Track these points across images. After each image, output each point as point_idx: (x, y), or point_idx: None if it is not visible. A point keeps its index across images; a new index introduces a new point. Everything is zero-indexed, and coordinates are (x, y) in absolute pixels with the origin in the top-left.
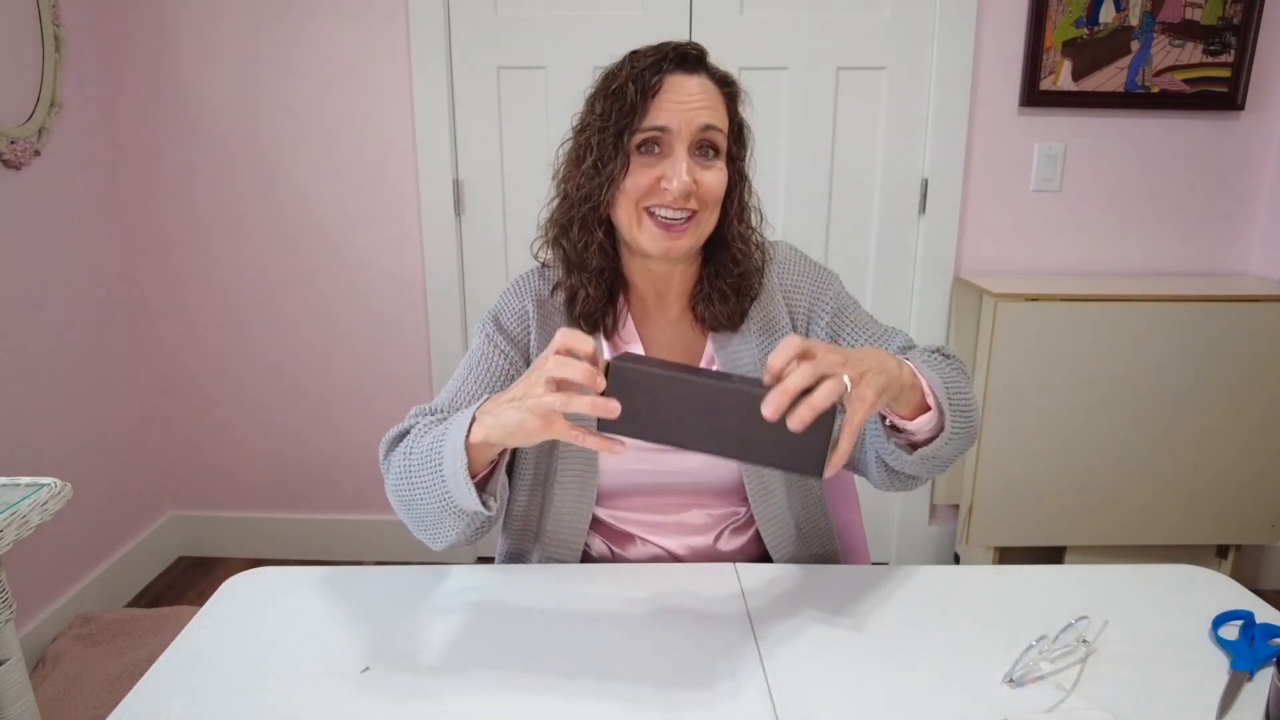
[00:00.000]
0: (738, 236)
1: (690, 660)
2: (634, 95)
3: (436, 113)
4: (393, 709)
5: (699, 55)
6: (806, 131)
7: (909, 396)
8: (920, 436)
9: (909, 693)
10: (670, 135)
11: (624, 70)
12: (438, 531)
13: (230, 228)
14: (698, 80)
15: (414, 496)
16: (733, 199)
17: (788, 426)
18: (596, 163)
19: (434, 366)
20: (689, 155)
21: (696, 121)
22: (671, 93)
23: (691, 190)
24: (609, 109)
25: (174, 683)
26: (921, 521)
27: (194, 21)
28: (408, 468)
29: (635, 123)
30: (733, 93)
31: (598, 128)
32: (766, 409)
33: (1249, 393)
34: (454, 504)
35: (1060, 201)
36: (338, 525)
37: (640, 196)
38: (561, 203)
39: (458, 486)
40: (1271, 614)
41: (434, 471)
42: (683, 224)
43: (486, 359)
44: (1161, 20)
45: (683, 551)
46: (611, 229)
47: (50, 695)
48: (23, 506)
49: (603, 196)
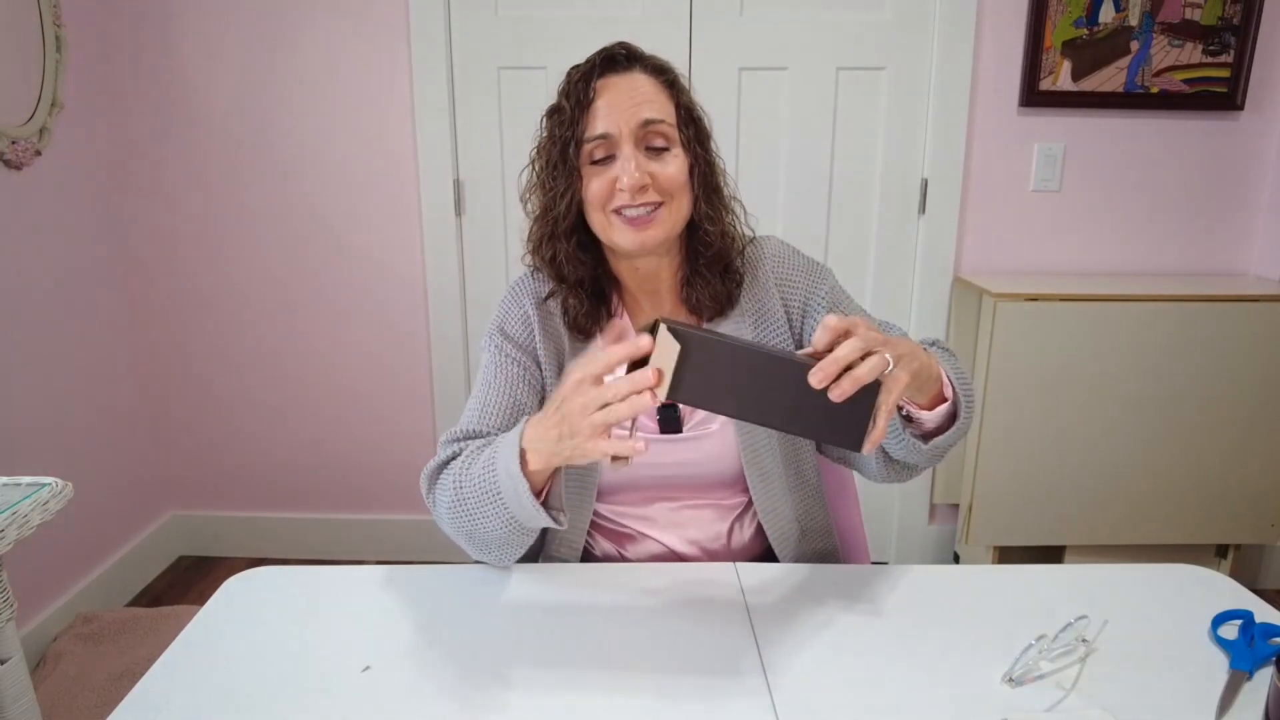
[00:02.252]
0: (705, 218)
1: (690, 659)
2: (571, 109)
3: (436, 113)
4: (393, 709)
5: (628, 53)
6: (806, 131)
7: (930, 387)
8: (930, 426)
9: (909, 692)
10: (613, 140)
11: (562, 87)
12: (505, 551)
13: (231, 228)
14: (631, 77)
15: (475, 526)
16: (696, 181)
17: (830, 397)
18: (549, 180)
19: (434, 366)
20: (639, 152)
21: (635, 119)
22: (606, 97)
23: (647, 184)
24: (553, 128)
25: (174, 683)
26: (921, 521)
27: (195, 21)
28: (460, 500)
29: (577, 134)
30: (671, 79)
31: (546, 147)
32: (814, 378)
33: (1249, 393)
34: (523, 526)
35: (1060, 201)
36: (338, 525)
37: (604, 202)
38: (531, 221)
39: (523, 510)
40: (1271, 614)
41: (493, 501)
42: (648, 216)
43: (503, 370)
44: (1161, 20)
45: (685, 549)
46: (585, 239)
47: (51, 694)
48: (24, 506)
49: (559, 209)
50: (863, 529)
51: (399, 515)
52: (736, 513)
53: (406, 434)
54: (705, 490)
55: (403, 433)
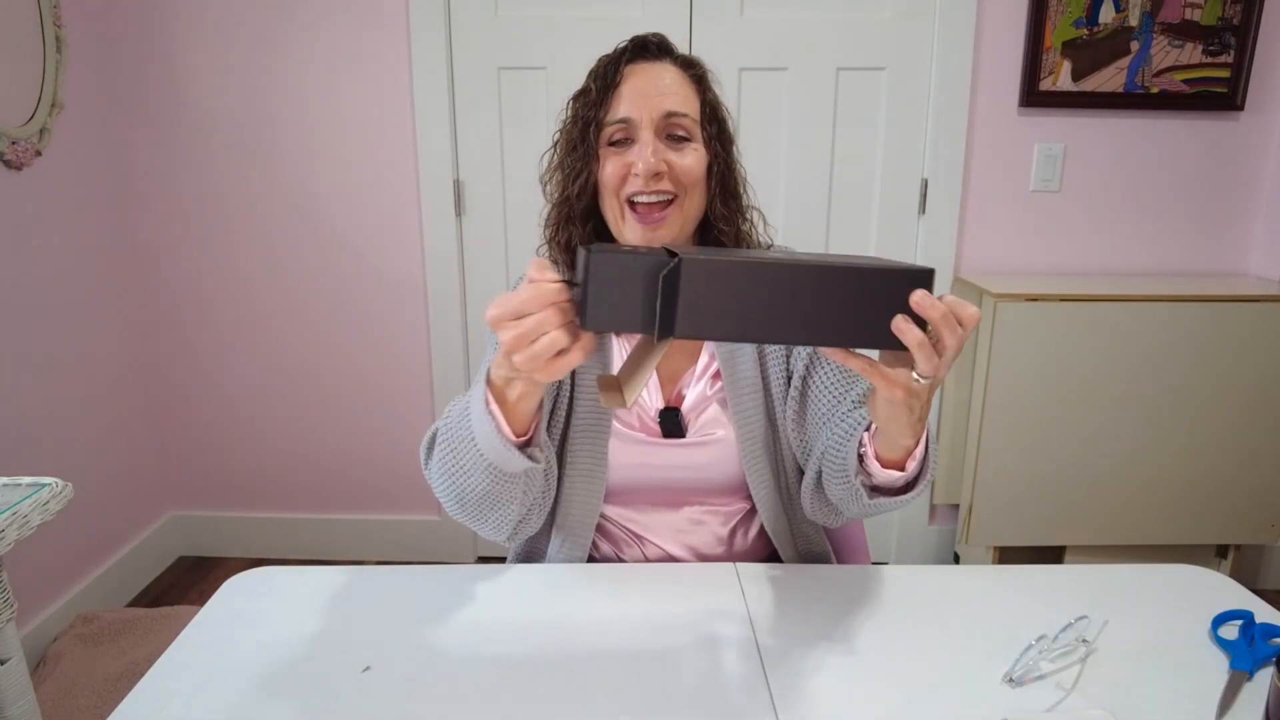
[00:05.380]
0: (720, 218)
1: (690, 659)
2: (596, 91)
3: (436, 113)
4: (393, 709)
5: (659, 43)
6: (806, 131)
7: (905, 444)
8: (879, 481)
9: (909, 692)
10: (633, 125)
11: (591, 70)
12: (495, 512)
13: (231, 228)
14: (660, 67)
15: (461, 484)
16: (713, 181)
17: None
18: (567, 161)
19: (434, 366)
20: (658, 140)
21: (659, 109)
22: (633, 83)
23: (662, 171)
24: (577, 109)
25: (174, 683)
26: (921, 521)
27: (195, 22)
28: (444, 455)
29: (599, 116)
30: (699, 74)
31: (568, 128)
32: (919, 297)
33: (1249, 393)
34: (501, 471)
35: (1060, 201)
36: (338, 525)
37: (617, 187)
38: (548, 205)
39: (492, 448)
40: (1271, 614)
41: (469, 447)
42: (661, 209)
43: None
44: (1161, 21)
45: (685, 554)
46: (599, 226)
47: (51, 695)
48: (24, 506)
49: (575, 190)
50: (863, 529)
51: (399, 515)
52: (738, 518)
53: (406, 434)
54: (707, 495)
55: (403, 433)
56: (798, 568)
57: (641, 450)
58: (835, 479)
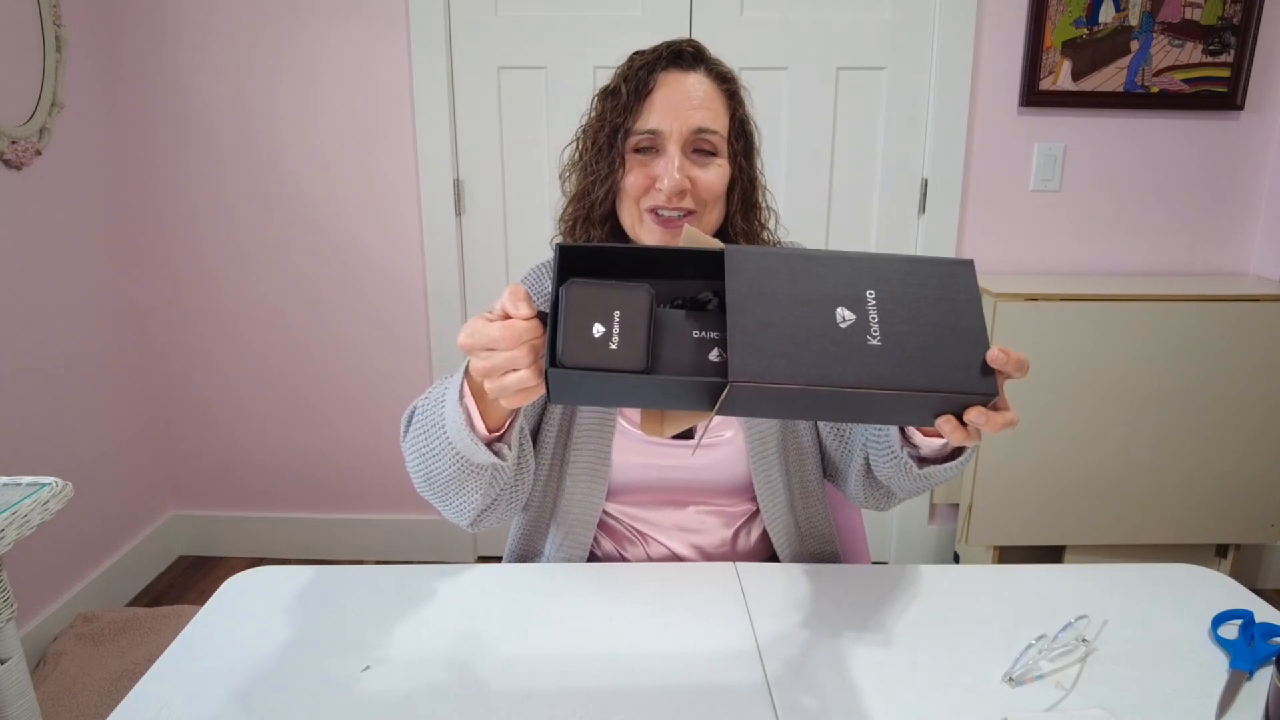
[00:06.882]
0: (741, 233)
1: (690, 659)
2: (627, 96)
3: (436, 113)
4: (393, 709)
5: (695, 51)
6: (806, 131)
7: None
8: (926, 452)
9: (909, 692)
10: (661, 137)
11: (622, 70)
12: (460, 497)
13: (231, 227)
14: (694, 78)
15: (430, 467)
16: (735, 195)
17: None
18: (591, 162)
19: (434, 367)
20: (683, 154)
21: (689, 124)
22: (664, 93)
23: (685, 189)
24: (605, 109)
25: (174, 683)
26: (921, 521)
27: (195, 21)
28: (417, 435)
29: (628, 123)
30: (732, 89)
31: (595, 128)
32: (995, 355)
33: (1249, 393)
34: (468, 461)
35: (1060, 201)
36: (338, 525)
37: (639, 195)
38: (566, 201)
39: (460, 438)
40: (1271, 613)
41: (439, 433)
42: (680, 222)
43: None
44: (1161, 20)
45: (689, 553)
46: (617, 227)
47: (51, 694)
48: (24, 506)
49: (597, 194)
50: (863, 529)
51: (399, 515)
52: (742, 520)
53: None
54: (713, 496)
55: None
56: (798, 567)
57: (648, 450)
58: (882, 457)
